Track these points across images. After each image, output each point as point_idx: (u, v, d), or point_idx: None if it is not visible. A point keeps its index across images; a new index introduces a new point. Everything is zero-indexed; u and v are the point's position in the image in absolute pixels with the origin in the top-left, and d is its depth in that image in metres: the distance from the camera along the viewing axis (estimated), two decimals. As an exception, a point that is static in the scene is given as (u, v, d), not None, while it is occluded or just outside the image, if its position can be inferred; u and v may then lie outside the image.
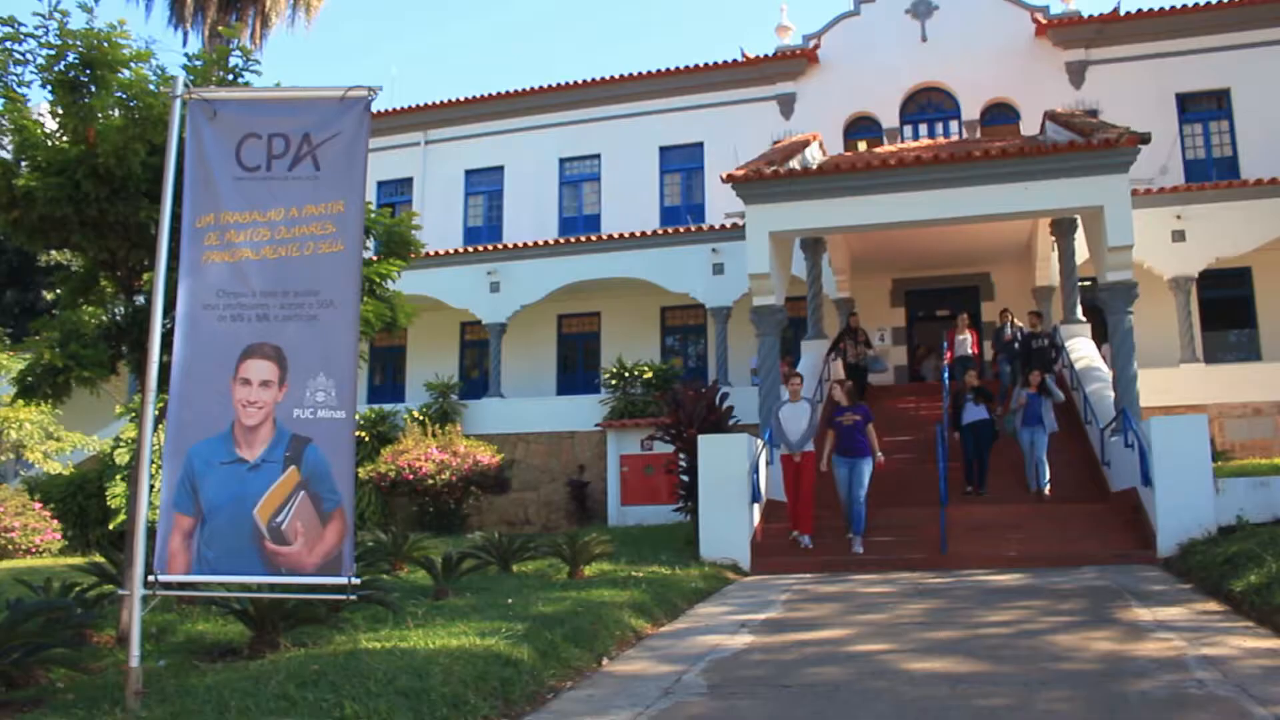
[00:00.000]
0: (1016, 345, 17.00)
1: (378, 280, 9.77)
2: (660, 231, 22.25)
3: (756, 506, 13.20)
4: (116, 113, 7.78)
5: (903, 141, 22.55)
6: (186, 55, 8.46)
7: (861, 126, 23.93)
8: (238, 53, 8.59)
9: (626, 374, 20.96)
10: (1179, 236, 19.01)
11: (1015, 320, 17.64)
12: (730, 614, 9.13)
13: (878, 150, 19.16)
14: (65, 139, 7.85)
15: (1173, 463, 11.59)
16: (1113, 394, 14.84)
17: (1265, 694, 5.37)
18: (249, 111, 6.09)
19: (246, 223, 5.88)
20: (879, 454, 12.56)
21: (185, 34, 26.75)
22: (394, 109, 26.53)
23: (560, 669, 6.54)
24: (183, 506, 5.60)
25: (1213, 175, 21.38)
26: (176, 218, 5.93)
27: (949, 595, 9.63)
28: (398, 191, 26.92)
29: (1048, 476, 14.21)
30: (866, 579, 11.15)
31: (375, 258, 10.11)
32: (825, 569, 12.00)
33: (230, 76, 8.51)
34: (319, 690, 5.27)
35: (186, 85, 6.12)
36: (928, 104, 23.87)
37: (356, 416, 9.19)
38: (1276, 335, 20.16)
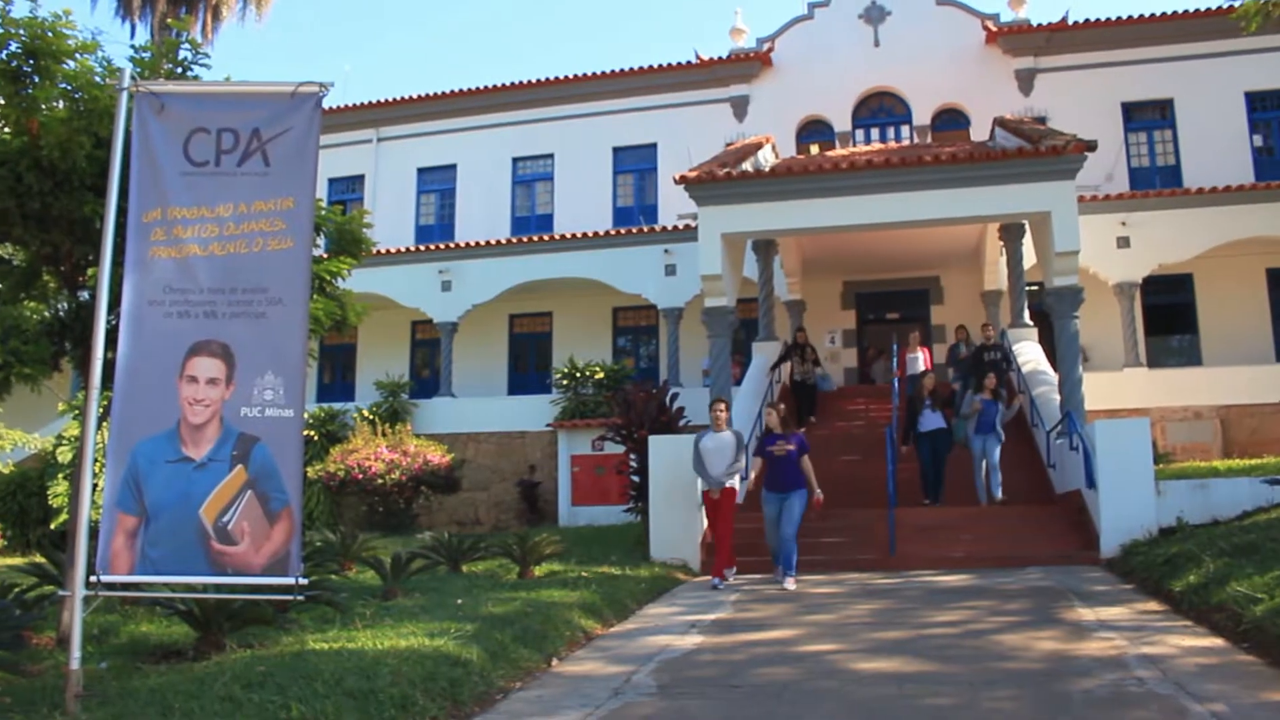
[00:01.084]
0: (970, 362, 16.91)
1: (328, 278, 9.69)
2: (613, 232, 22.29)
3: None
4: (61, 104, 7.65)
5: (855, 145, 22.74)
6: (134, 47, 8.35)
7: (814, 130, 24.09)
8: (187, 46, 8.49)
9: (578, 374, 20.94)
10: (1124, 243, 19.36)
11: (971, 339, 17.53)
12: (680, 614, 9.15)
13: (830, 154, 19.30)
14: (7, 130, 7.71)
15: (1116, 465, 11.78)
16: (1059, 397, 15.05)
17: (1202, 691, 5.48)
18: (197, 106, 6.01)
19: (194, 218, 5.80)
20: (817, 490, 11.07)
21: (133, 26, 26.37)
22: (346, 105, 26.28)
23: (510, 669, 6.51)
24: (126, 505, 5.52)
25: (1156, 183, 21.76)
26: (122, 212, 5.84)
27: (897, 596, 9.72)
28: (349, 189, 26.68)
29: (999, 482, 14.08)
30: (816, 579, 11.23)
31: (325, 255, 10.03)
32: (775, 570, 12.04)
33: (179, 70, 8.41)
34: (265, 692, 5.21)
35: (133, 78, 6.02)
36: (880, 108, 24.08)
37: (305, 415, 9.11)
38: (1217, 340, 20.59)
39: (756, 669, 6.62)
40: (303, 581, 5.65)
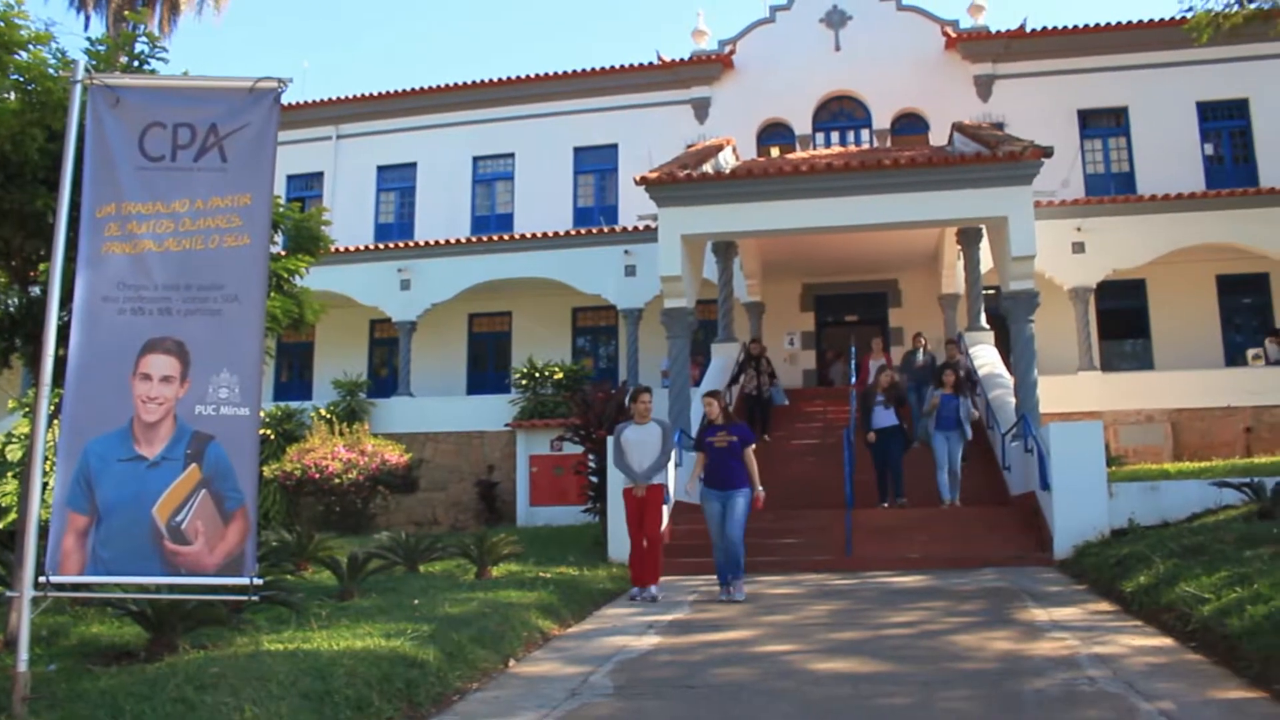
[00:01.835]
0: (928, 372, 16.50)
1: (285, 275, 9.63)
2: (573, 232, 22.28)
3: (665, 508, 13.20)
4: (13, 96, 7.54)
5: (815, 148, 22.85)
6: (89, 40, 8.27)
7: (775, 132, 24.20)
8: (143, 39, 8.40)
9: (537, 374, 20.89)
10: (1079, 248, 19.61)
11: (928, 346, 17.46)
12: (638, 615, 9.16)
13: (790, 157, 19.39)
14: (-43, 123, 7.58)
15: (1070, 467, 11.91)
16: (1014, 400, 15.20)
17: (1151, 690, 5.56)
18: (153, 100, 5.94)
19: (149, 214, 5.73)
20: (759, 487, 10.09)
21: (87, 18, 26.00)
22: (305, 102, 26.07)
23: (467, 670, 6.49)
24: (77, 505, 5.44)
25: (1111, 190, 22.08)
26: (75, 207, 5.75)
27: (854, 596, 9.78)
28: (308, 186, 26.45)
29: (958, 487, 13.94)
30: (773, 580, 11.27)
31: (283, 253, 9.97)
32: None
33: (135, 63, 8.32)
34: (218, 693, 5.16)
35: (88, 70, 5.94)
36: (840, 112, 24.23)
37: (262, 414, 9.02)
38: (1168, 345, 20.93)
39: (714, 669, 6.64)
40: (258, 582, 5.60)
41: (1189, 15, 14.95)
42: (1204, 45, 15.90)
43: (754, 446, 10.29)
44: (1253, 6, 14.36)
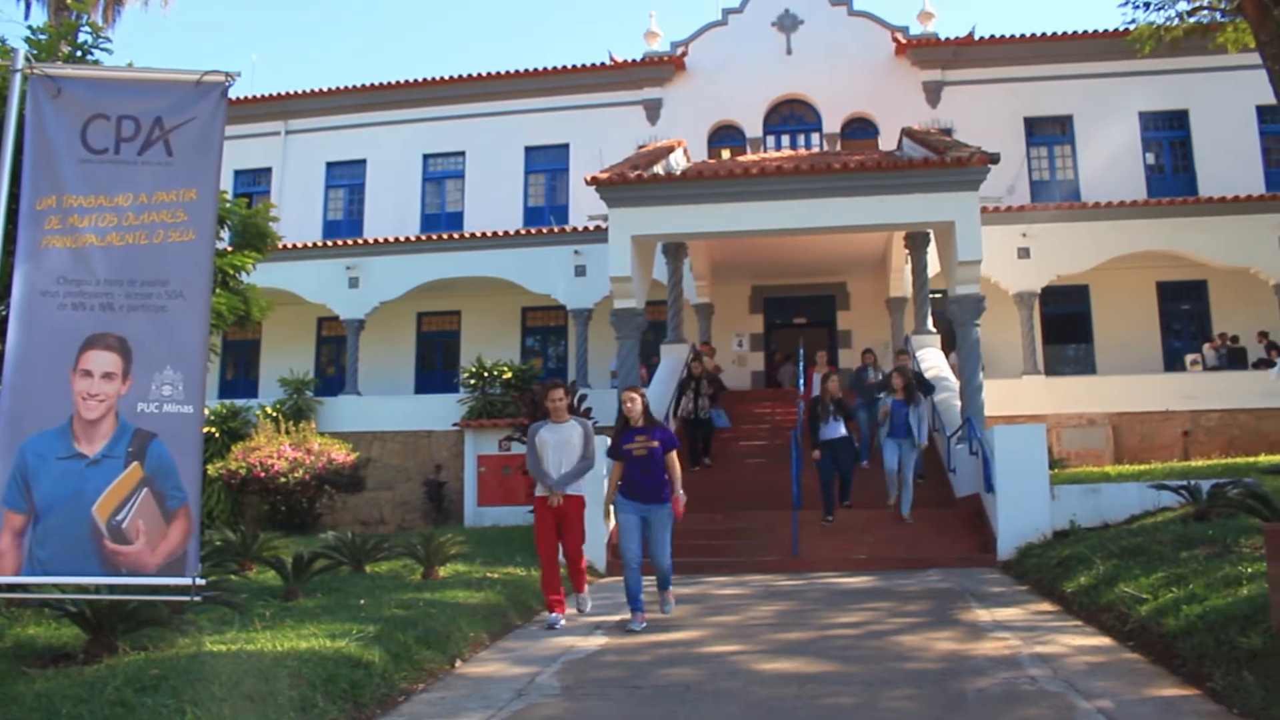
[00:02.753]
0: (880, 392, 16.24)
1: (231, 272, 9.52)
2: (523, 232, 22.22)
3: (613, 509, 13.15)
4: (-52, 84, 7.38)
5: (765, 151, 22.98)
6: (30, 28, 8.11)
7: (726, 135, 24.32)
8: (86, 29, 8.27)
9: (486, 374, 20.79)
10: (1024, 254, 19.91)
11: (878, 363, 17.21)
12: (584, 616, 9.15)
13: (740, 159, 19.49)
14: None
15: (1013, 470, 12.07)
16: (959, 403, 15.37)
17: (1090, 688, 5.65)
18: (96, 91, 5.84)
19: (92, 207, 5.64)
20: (680, 491, 8.69)
21: (29, 5, 25.44)
22: (254, 96, 25.77)
23: (412, 671, 6.44)
24: (13, 503, 5.34)
25: (1056, 196, 22.45)
26: (14, 199, 5.65)
27: (800, 597, 9.84)
28: (256, 181, 26.13)
29: (910, 500, 13.45)
30: (720, 581, 11.31)
31: (229, 249, 9.85)
32: (679, 571, 12.04)
33: (78, 54, 8.18)
34: (159, 695, 5.07)
35: (28, 59, 5.83)
36: (790, 115, 24.40)
37: (206, 412, 8.91)
38: (1110, 350, 21.30)
39: (660, 670, 6.65)
40: (200, 582, 5.54)
41: (1132, 27, 15.24)
42: (1146, 57, 16.20)
43: (677, 450, 8.91)
44: (1193, 20, 14.67)
